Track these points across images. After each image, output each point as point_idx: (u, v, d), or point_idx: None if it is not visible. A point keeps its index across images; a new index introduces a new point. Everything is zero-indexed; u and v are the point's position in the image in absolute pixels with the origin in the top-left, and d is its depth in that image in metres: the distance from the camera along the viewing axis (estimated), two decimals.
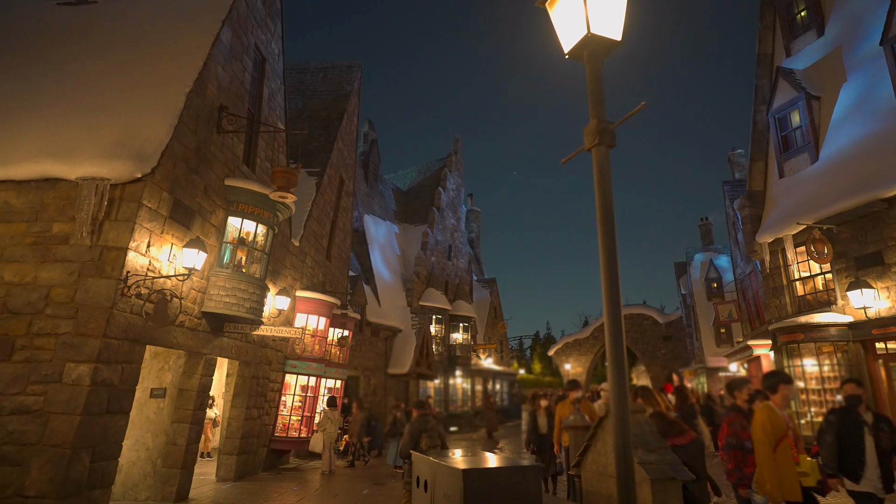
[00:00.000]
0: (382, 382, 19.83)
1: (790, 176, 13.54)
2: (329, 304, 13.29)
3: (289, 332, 9.76)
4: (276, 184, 8.34)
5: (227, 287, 8.70)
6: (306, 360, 12.61)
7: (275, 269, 11.38)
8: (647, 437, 4.09)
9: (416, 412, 6.28)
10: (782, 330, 12.35)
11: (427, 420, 6.12)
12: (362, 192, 23.11)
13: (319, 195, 13.98)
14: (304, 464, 12.99)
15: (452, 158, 26.93)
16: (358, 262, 21.12)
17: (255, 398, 10.92)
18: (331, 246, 15.42)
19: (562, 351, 44.01)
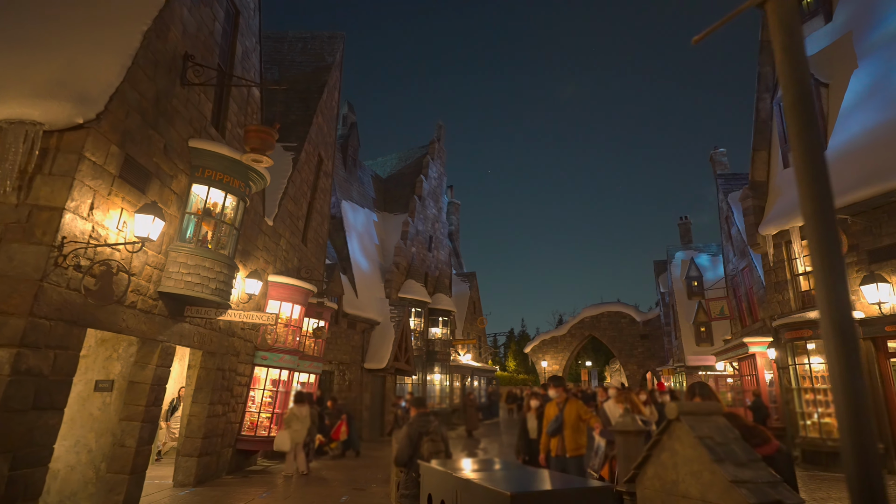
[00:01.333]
0: (358, 377, 18.70)
1: None
2: (304, 292, 12.13)
3: (260, 317, 8.61)
4: (249, 145, 7.19)
5: (188, 264, 7.51)
6: (279, 351, 11.44)
7: (245, 250, 10.19)
8: (733, 448, 3.17)
9: (414, 411, 5.27)
10: (788, 326, 11.72)
11: (428, 421, 5.12)
12: (340, 178, 21.89)
13: (296, 172, 12.79)
14: (273, 465, 11.82)
15: (435, 146, 25.89)
16: (334, 250, 19.91)
17: (219, 393, 9.73)
18: (307, 229, 14.23)
19: (538, 348, 43.44)
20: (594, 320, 41.70)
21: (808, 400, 11.36)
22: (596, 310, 41.90)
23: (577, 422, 6.40)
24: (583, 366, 57.73)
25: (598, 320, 41.60)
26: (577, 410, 6.50)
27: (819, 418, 10.98)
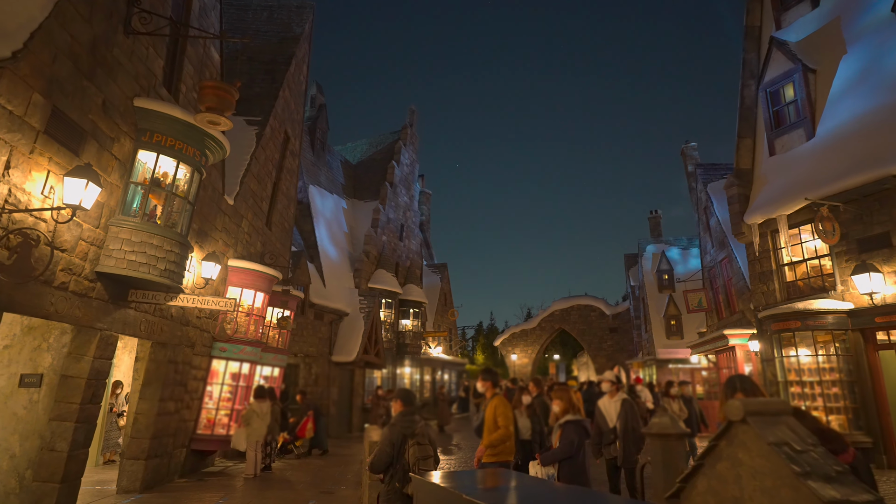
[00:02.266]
0: (326, 371, 17.78)
1: (782, 154, 12.61)
2: (268, 278, 11.17)
3: (217, 303, 7.66)
4: (205, 103, 6.24)
5: (133, 241, 6.52)
6: (239, 342, 10.47)
7: (202, 230, 9.18)
8: (817, 458, 2.51)
9: (397, 406, 4.49)
10: (774, 317, 11.37)
11: (413, 421, 4.35)
12: (308, 161, 20.80)
13: (260, 149, 11.77)
14: (233, 466, 10.87)
15: (408, 131, 24.97)
16: (301, 237, 18.88)
17: (171, 388, 8.73)
18: (272, 212, 13.22)
19: (508, 341, 43.09)
20: (564, 313, 41.57)
21: (794, 393, 11.05)
22: (566, 303, 41.77)
23: (493, 424, 5.50)
24: (550, 359, 57.87)
25: (567, 313, 41.47)
26: (494, 411, 5.56)
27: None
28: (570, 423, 5.29)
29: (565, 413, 5.38)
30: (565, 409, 5.38)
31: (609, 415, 6.07)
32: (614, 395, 6.07)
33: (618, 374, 6.45)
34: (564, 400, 5.38)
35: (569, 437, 5.16)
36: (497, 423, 5.49)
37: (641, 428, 5.48)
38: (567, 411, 5.37)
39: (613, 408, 5.97)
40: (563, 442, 5.20)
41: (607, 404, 6.15)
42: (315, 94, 22.68)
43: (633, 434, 5.70)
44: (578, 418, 5.32)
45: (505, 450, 5.57)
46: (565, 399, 5.39)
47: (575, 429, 5.24)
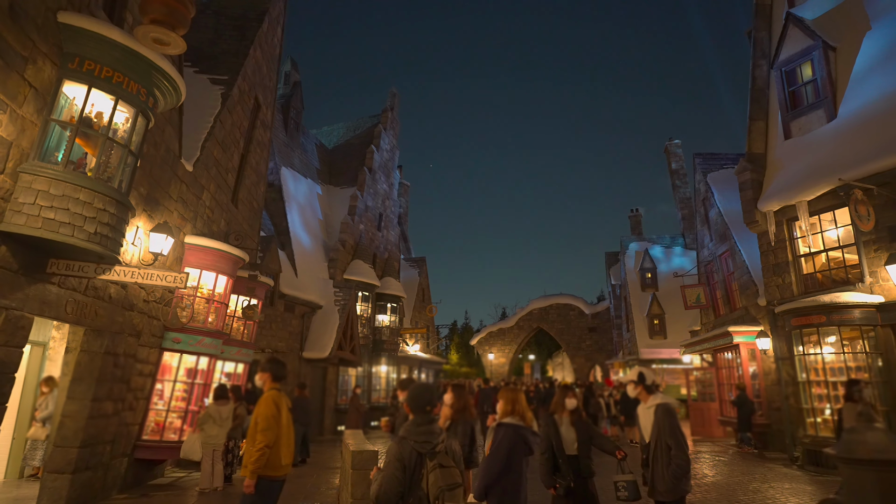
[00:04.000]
0: (296, 368, 16.26)
1: (800, 136, 11.71)
2: (233, 260, 9.69)
3: (164, 278, 6.19)
4: (150, 14, 4.81)
5: (52, 195, 5.04)
6: (197, 332, 8.97)
7: (151, 195, 7.67)
8: None
9: (408, 412, 3.17)
10: (795, 312, 10.42)
11: (431, 433, 3.04)
12: (280, 141, 19.23)
13: (226, 112, 10.26)
14: (186, 477, 9.35)
15: (388, 115, 23.54)
16: (271, 223, 17.32)
17: (110, 385, 7.21)
18: (238, 187, 11.70)
19: (485, 340, 42.01)
20: (543, 312, 40.70)
21: (817, 394, 10.11)
22: (545, 302, 40.91)
23: (254, 431, 4.37)
24: (525, 359, 57.09)
25: (546, 312, 40.62)
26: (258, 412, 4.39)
27: (832, 415, 9.71)
28: (503, 425, 3.93)
29: (504, 415, 4.03)
30: (506, 411, 4.04)
31: (644, 425, 4.58)
32: (647, 398, 4.48)
33: (642, 372, 4.49)
34: (507, 400, 4.08)
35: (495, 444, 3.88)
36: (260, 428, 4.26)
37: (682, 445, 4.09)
38: (507, 413, 4.03)
39: (647, 417, 4.43)
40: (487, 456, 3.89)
41: (643, 412, 4.61)
42: (290, 71, 21.10)
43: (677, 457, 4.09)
44: (516, 423, 3.93)
45: (273, 463, 4.34)
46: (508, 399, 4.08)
47: (506, 434, 3.88)
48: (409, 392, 3.24)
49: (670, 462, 4.09)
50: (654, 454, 4.23)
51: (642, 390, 4.44)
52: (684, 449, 4.10)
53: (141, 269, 6.03)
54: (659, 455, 4.20)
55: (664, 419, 4.21)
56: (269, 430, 4.26)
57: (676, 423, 4.20)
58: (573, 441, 4.66)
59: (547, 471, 4.64)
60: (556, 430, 4.70)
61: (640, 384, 4.44)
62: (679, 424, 4.25)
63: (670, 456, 4.12)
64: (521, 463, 3.91)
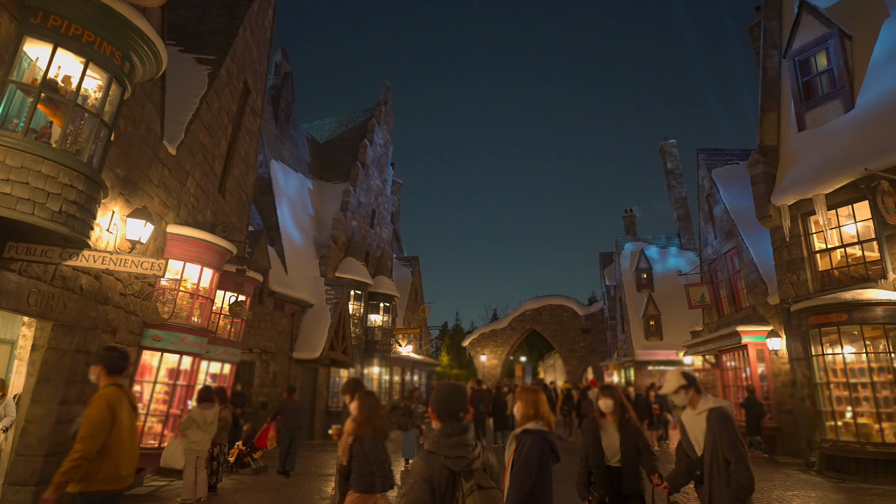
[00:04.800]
0: (285, 369, 15.55)
1: (815, 128, 11.26)
2: (219, 252, 9.00)
3: (140, 265, 5.52)
4: None
5: (10, 166, 4.37)
6: (179, 330, 8.27)
7: (129, 178, 6.98)
8: None
9: (434, 419, 2.55)
10: (813, 310, 9.94)
11: (465, 446, 2.42)
12: (270, 134, 18.51)
13: (213, 93, 9.58)
14: (167, 486, 8.64)
15: (382, 109, 22.89)
16: (260, 217, 16.60)
17: (80, 387, 6.51)
18: (226, 176, 11.01)
19: (477, 342, 41.41)
20: (536, 313, 40.20)
21: (837, 397, 9.62)
22: (537, 303, 40.42)
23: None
24: (517, 361, 56.60)
25: (539, 313, 40.13)
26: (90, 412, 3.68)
27: (854, 418, 9.22)
28: (529, 433, 3.38)
29: (526, 420, 3.47)
30: (527, 415, 3.46)
31: (694, 436, 3.78)
32: (697, 402, 3.74)
33: (685, 372, 3.68)
34: (528, 402, 3.51)
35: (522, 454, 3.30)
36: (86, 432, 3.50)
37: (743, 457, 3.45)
38: (529, 417, 3.46)
39: (698, 425, 3.70)
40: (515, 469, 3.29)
41: (690, 419, 3.90)
42: (280, 61, 20.39)
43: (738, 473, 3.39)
44: (542, 428, 3.37)
45: (109, 475, 3.57)
46: (529, 401, 3.52)
47: (534, 442, 3.32)
48: (435, 394, 2.61)
49: (729, 480, 3.46)
50: (711, 470, 3.52)
51: (693, 393, 3.80)
52: (747, 463, 3.44)
53: (114, 254, 5.35)
54: (716, 471, 3.48)
55: (721, 427, 3.49)
56: (92, 437, 3.43)
57: (736, 432, 3.51)
58: (616, 451, 4.01)
59: (581, 481, 4.04)
60: (595, 436, 4.07)
61: (692, 386, 3.81)
62: (738, 433, 3.62)
63: (729, 472, 3.48)
64: (550, 473, 3.34)
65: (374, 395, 4.81)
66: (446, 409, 2.54)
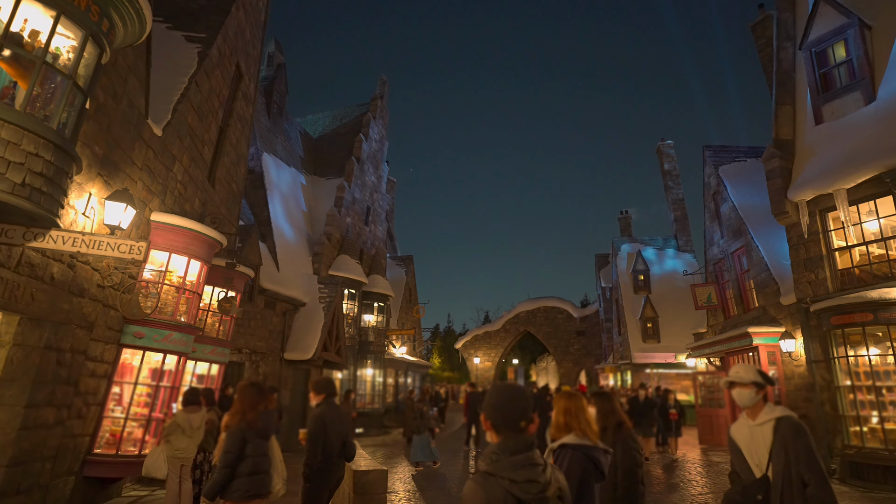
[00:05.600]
0: (276, 371, 14.86)
1: (833, 121, 10.83)
2: (208, 243, 8.36)
3: (118, 246, 4.89)
4: None
5: None
6: (163, 326, 7.61)
7: (109, 157, 6.33)
8: None
9: (491, 433, 1.98)
10: (836, 310, 9.47)
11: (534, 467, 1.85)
12: (262, 126, 17.84)
13: (203, 74, 8.94)
14: (148, 496, 7.97)
15: (377, 103, 22.28)
16: (251, 212, 15.93)
17: (51, 388, 5.84)
18: (216, 165, 10.36)
19: (470, 344, 40.83)
20: (530, 315, 39.71)
21: (861, 401, 9.15)
22: (532, 304, 39.94)
23: None
24: (509, 364, 56.16)
25: (533, 315, 39.64)
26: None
27: (881, 423, 8.76)
28: (567, 448, 2.84)
29: (563, 432, 2.92)
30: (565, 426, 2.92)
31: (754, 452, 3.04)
32: (759, 410, 3.03)
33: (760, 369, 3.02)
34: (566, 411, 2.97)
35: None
36: None
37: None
38: (565, 429, 2.92)
39: (760, 439, 3.01)
40: None
41: (747, 432, 3.10)
42: (273, 52, 19.73)
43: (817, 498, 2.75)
44: (584, 443, 2.83)
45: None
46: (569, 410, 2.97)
47: (574, 460, 2.79)
48: (491, 398, 2.02)
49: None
50: (781, 495, 2.84)
51: (758, 395, 3.17)
52: (829, 485, 2.81)
53: (87, 235, 4.71)
54: (789, 496, 2.80)
55: (796, 441, 2.83)
56: None
57: (813, 447, 2.83)
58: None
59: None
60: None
61: (765, 388, 3.18)
62: (815, 447, 2.99)
63: (805, 496, 2.77)
64: (593, 494, 2.77)
65: (257, 387, 4.30)
66: (505, 416, 1.96)
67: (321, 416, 4.53)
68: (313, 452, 4.44)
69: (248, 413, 4.00)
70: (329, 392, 4.74)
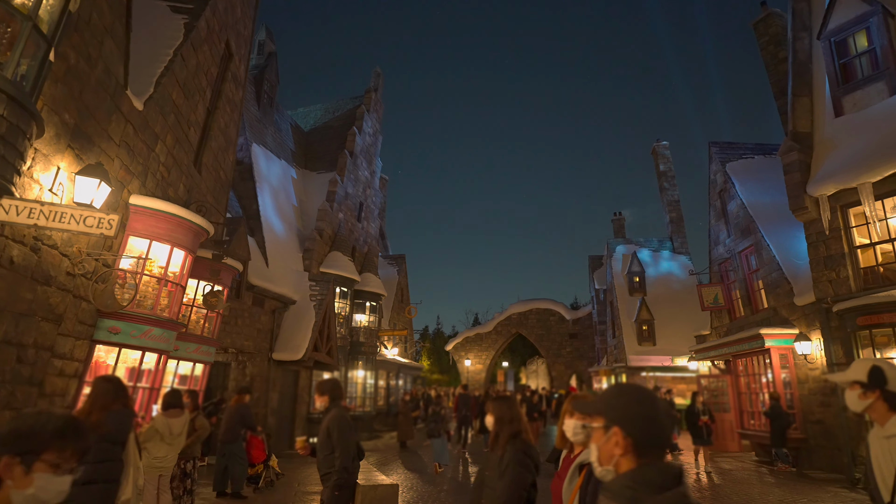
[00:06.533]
0: (264, 372, 14.09)
1: (855, 112, 10.37)
2: (193, 231, 7.63)
3: (84, 219, 4.19)
4: None
5: None
6: (142, 321, 6.86)
7: (81, 128, 5.59)
8: None
9: (626, 448, 1.35)
10: (863, 309, 8.99)
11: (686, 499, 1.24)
12: (252, 116, 17.08)
13: (190, 48, 8.21)
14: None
15: (372, 96, 21.59)
16: (239, 204, 15.15)
17: (10, 388, 5.09)
18: (203, 149, 9.61)
19: (461, 346, 40.18)
20: (522, 317, 39.18)
21: None
22: (524, 306, 39.41)
23: None
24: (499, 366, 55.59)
25: (525, 317, 39.11)
26: None
27: None
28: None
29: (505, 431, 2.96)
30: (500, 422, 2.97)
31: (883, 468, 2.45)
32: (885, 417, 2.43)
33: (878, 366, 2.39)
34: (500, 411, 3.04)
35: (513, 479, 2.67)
36: None
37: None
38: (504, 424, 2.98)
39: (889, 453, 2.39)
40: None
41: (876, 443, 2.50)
42: (264, 40, 18.95)
43: None
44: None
45: None
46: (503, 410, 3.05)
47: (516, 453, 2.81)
48: (627, 406, 1.38)
49: None
50: None
51: (878, 401, 2.56)
52: None
53: (46, 205, 3.99)
54: None
55: None
56: None
57: None
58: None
59: None
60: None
61: (877, 388, 2.56)
62: None
63: None
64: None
65: (114, 382, 3.64)
66: (649, 434, 1.32)
67: (343, 417, 4.15)
68: (346, 455, 4.04)
69: (95, 414, 3.36)
70: (337, 395, 4.23)
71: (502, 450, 3.04)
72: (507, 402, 3.24)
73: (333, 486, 4.03)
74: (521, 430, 3.12)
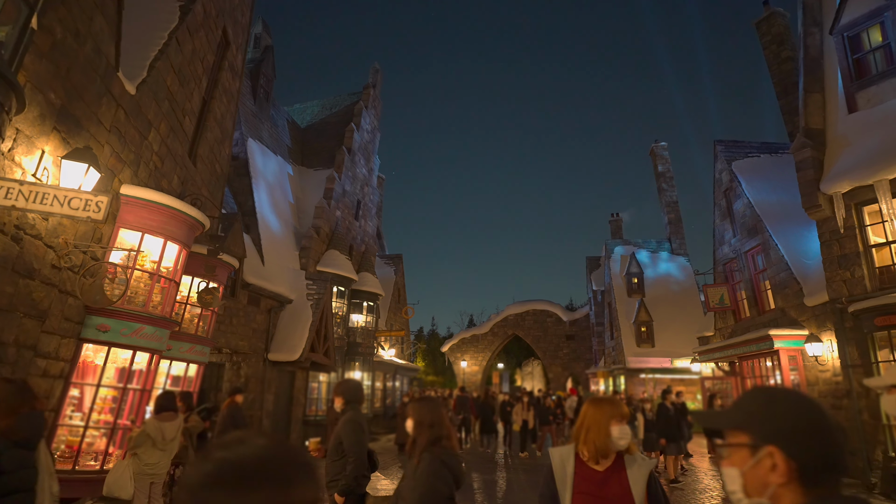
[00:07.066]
0: (260, 373, 13.69)
1: (869, 108, 10.13)
2: (188, 223, 7.24)
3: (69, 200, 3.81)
4: None
5: None
6: (133, 318, 6.47)
7: (68, 109, 5.21)
8: None
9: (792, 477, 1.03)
10: (880, 310, 8.73)
11: None
12: (248, 111, 16.68)
13: (186, 33, 7.84)
14: None
15: (370, 92, 21.22)
16: (234, 201, 14.76)
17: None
18: (199, 140, 9.23)
19: (457, 347, 39.80)
20: (518, 318, 38.86)
21: None
22: (521, 307, 39.10)
23: None
24: (494, 368, 55.32)
25: (522, 318, 38.80)
26: None
27: None
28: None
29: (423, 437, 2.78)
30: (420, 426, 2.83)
31: None
32: None
33: None
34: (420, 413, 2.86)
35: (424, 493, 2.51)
36: None
37: None
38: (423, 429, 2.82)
39: None
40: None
41: None
42: (260, 33, 18.55)
43: None
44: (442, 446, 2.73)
45: None
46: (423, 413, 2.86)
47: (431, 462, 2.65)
48: (777, 418, 1.05)
49: None
50: None
51: None
52: None
53: (25, 185, 3.62)
54: None
55: None
56: None
57: None
58: None
59: None
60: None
61: None
62: None
63: None
64: None
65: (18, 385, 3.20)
66: (821, 455, 1.00)
67: (358, 421, 3.86)
68: (361, 462, 3.72)
69: (2, 420, 2.97)
70: (353, 398, 3.92)
71: (418, 458, 2.72)
72: (429, 405, 2.97)
73: (340, 491, 3.71)
74: (443, 435, 2.82)
